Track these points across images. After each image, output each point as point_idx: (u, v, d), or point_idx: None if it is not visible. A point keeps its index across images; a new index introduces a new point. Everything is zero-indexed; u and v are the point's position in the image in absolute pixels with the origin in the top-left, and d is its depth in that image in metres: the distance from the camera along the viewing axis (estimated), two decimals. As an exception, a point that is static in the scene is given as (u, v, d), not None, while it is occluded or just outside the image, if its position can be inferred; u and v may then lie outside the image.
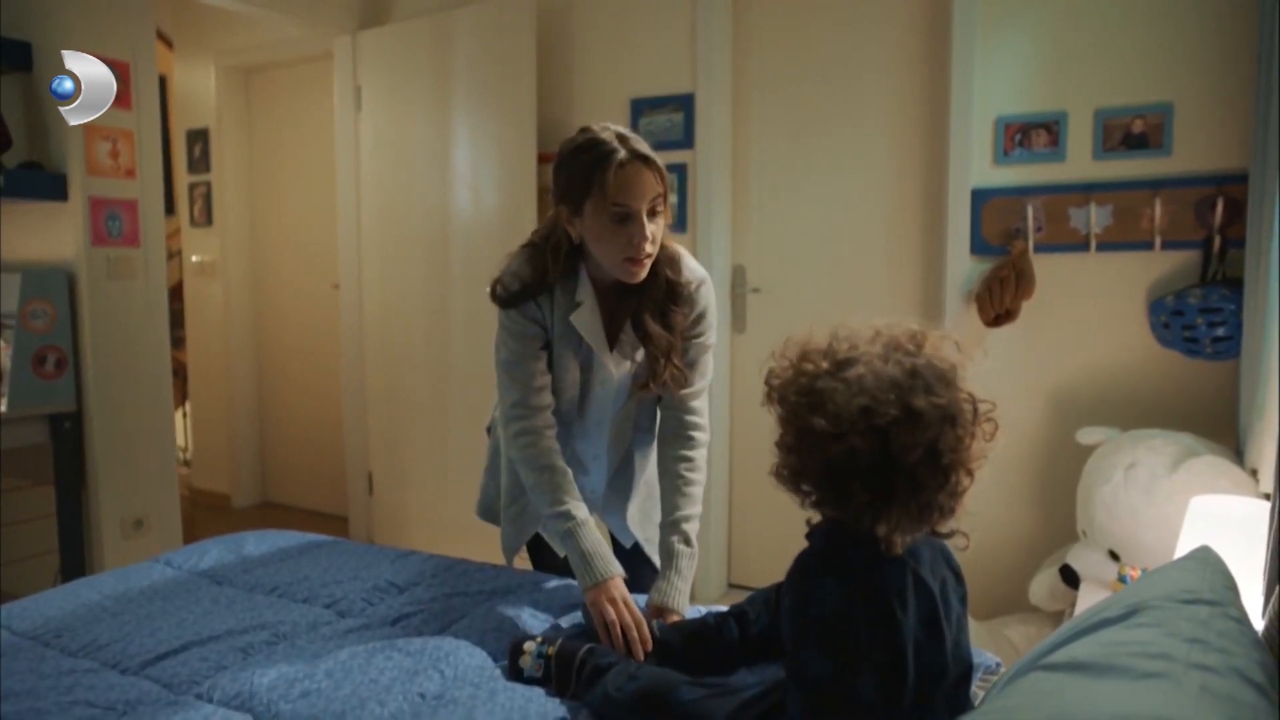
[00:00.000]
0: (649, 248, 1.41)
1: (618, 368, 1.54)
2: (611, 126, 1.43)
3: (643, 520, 1.70)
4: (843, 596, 0.91)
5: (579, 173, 1.39)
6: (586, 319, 1.50)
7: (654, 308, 1.49)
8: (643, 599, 1.51)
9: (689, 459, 1.56)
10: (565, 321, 1.50)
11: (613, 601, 1.36)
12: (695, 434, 1.58)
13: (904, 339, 0.93)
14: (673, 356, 1.51)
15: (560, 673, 1.26)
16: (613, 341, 1.53)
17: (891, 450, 0.87)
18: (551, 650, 1.29)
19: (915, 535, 0.93)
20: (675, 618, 1.42)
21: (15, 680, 1.27)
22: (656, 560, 1.62)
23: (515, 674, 1.30)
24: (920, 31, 2.73)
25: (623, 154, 1.38)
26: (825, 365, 0.92)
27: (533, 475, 1.50)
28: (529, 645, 1.31)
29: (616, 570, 1.43)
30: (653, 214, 1.41)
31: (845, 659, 0.90)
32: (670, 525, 1.53)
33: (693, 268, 1.54)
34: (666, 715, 1.11)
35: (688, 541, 1.51)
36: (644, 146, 1.41)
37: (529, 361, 1.51)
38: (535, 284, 1.48)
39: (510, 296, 1.49)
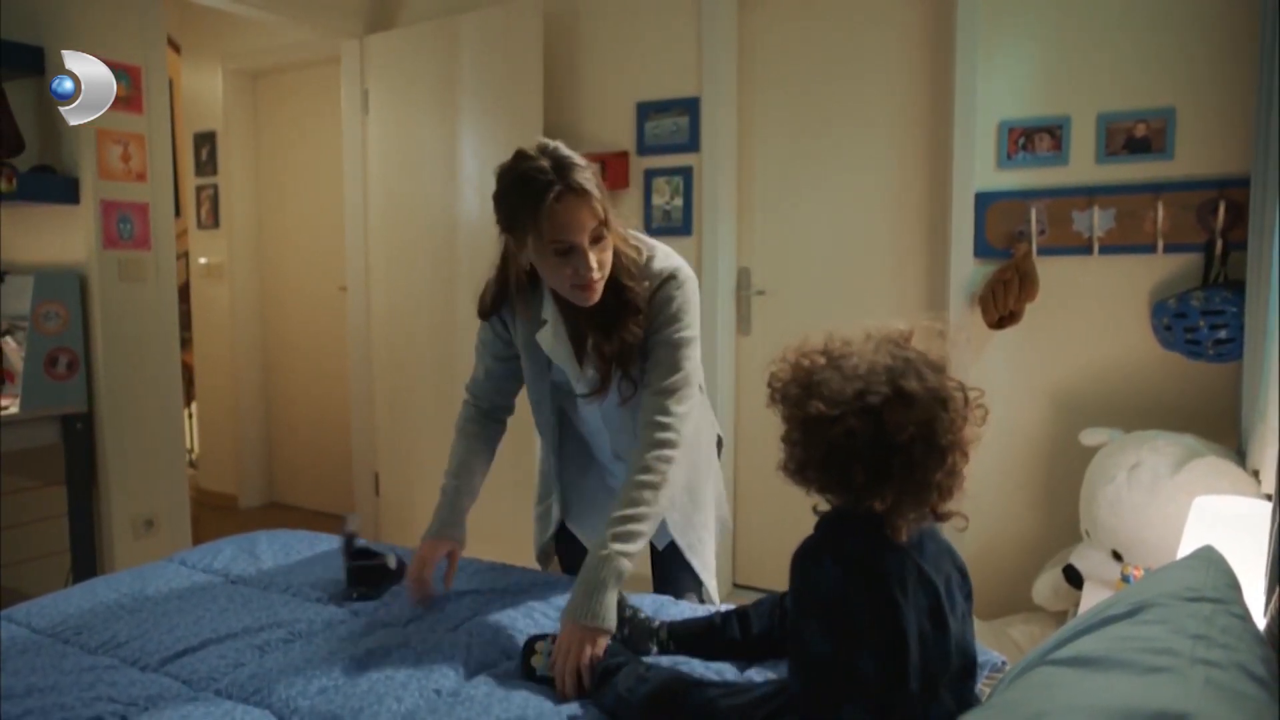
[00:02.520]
0: (595, 275, 1.38)
1: (580, 390, 1.54)
2: (550, 147, 1.38)
3: (684, 525, 1.64)
4: (843, 578, 0.96)
5: (516, 207, 1.36)
6: (550, 337, 1.51)
7: (604, 322, 1.45)
8: (649, 600, 1.54)
9: (644, 464, 1.42)
10: (530, 339, 1.52)
11: (419, 561, 1.54)
12: (658, 433, 1.43)
13: (893, 334, 0.99)
14: (627, 368, 1.47)
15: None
16: (581, 354, 1.51)
17: (886, 429, 0.92)
18: None
19: (918, 520, 0.97)
20: (595, 638, 1.28)
21: (38, 676, 1.29)
22: (691, 562, 1.64)
23: (527, 672, 1.32)
24: (924, 36, 2.75)
25: (557, 188, 1.32)
26: (822, 360, 0.98)
27: (454, 438, 1.66)
28: (540, 644, 1.33)
29: (436, 534, 1.57)
30: (597, 240, 1.37)
31: (845, 637, 0.94)
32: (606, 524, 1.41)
33: (658, 268, 1.48)
34: (679, 715, 1.13)
35: (602, 544, 1.36)
36: (581, 177, 1.34)
37: (485, 360, 1.64)
38: (498, 301, 1.53)
39: (482, 310, 1.57)
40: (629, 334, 1.45)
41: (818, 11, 2.90)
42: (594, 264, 1.37)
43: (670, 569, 1.63)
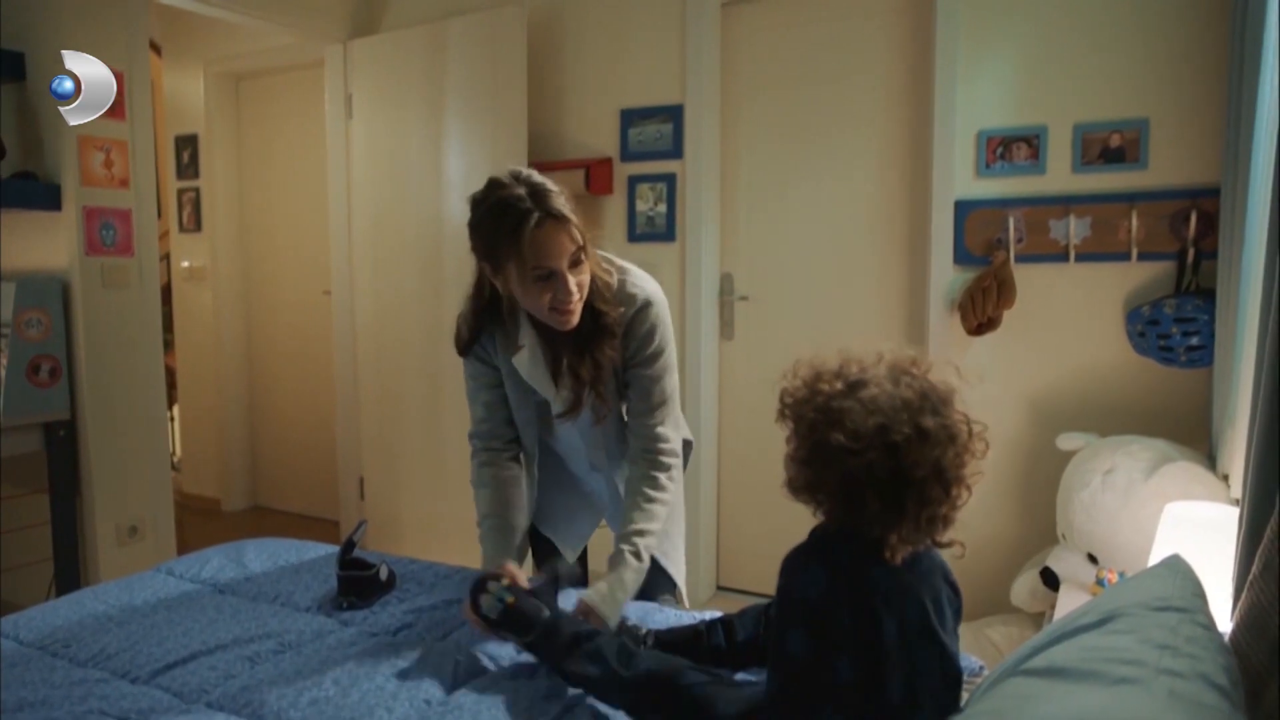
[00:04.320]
0: (574, 299, 1.42)
1: (555, 411, 1.57)
2: (524, 175, 1.41)
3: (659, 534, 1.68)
4: (828, 585, 0.99)
5: (496, 236, 1.39)
6: (527, 361, 1.53)
7: (577, 344, 1.49)
8: (636, 607, 1.57)
9: (652, 478, 1.55)
10: (510, 363, 1.55)
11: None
12: (660, 457, 1.56)
13: (907, 364, 1.01)
14: (599, 389, 1.51)
15: (519, 626, 1.34)
16: (558, 376, 1.54)
17: (903, 465, 0.94)
18: (511, 601, 1.36)
19: (918, 546, 1.00)
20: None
21: (28, 690, 1.30)
22: (666, 567, 1.66)
23: (474, 609, 1.38)
24: (904, 46, 2.79)
25: (536, 216, 1.36)
26: (840, 386, 0.99)
27: (475, 491, 1.62)
28: (492, 586, 1.38)
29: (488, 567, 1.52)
30: (575, 265, 1.41)
31: (825, 640, 0.97)
32: (623, 536, 1.52)
33: (630, 293, 1.52)
34: (671, 696, 1.16)
35: (637, 555, 1.49)
36: (558, 203, 1.39)
37: (481, 395, 1.61)
38: (475, 331, 1.56)
39: (462, 345, 1.58)
40: (603, 356, 1.50)
41: (800, 21, 2.94)
42: (573, 288, 1.41)
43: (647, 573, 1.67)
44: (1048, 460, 2.45)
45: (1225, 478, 2.01)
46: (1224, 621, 1.22)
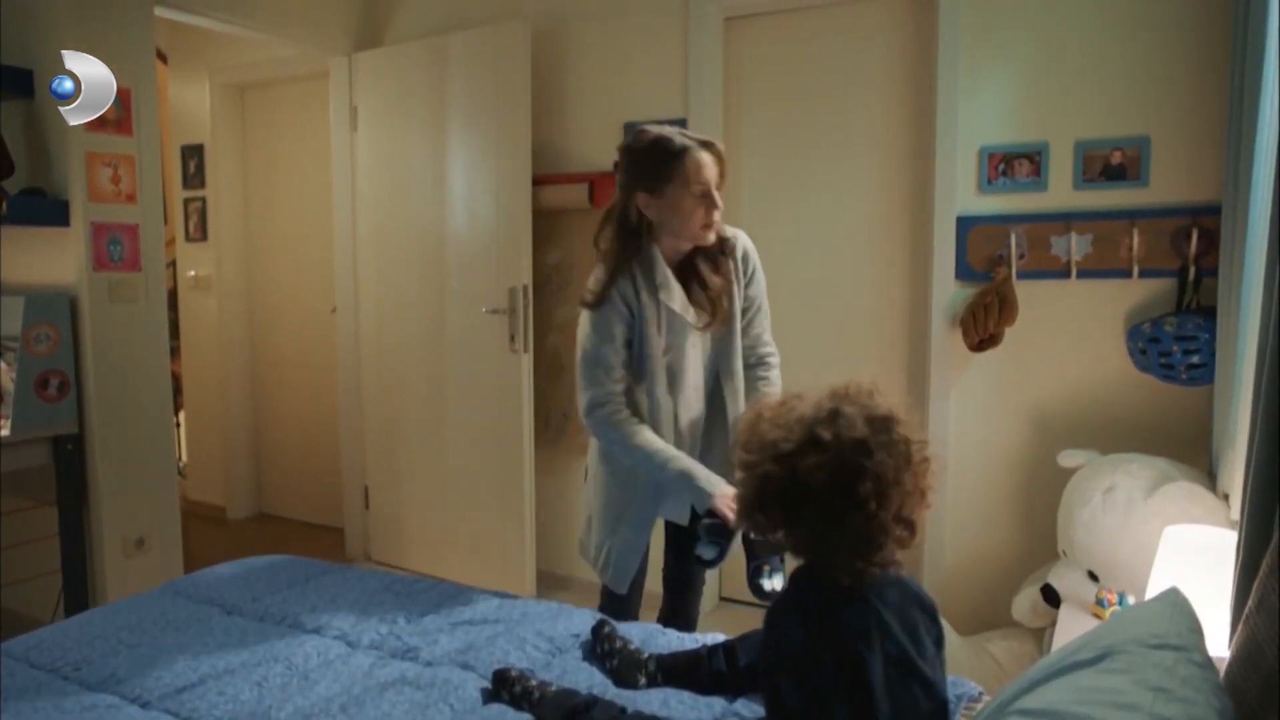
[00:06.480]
0: (719, 215, 1.76)
1: (699, 324, 1.81)
2: (665, 127, 1.76)
3: None
4: (806, 636, 1.02)
5: (659, 162, 1.71)
6: (670, 291, 1.78)
7: (709, 261, 1.81)
8: (638, 629, 1.58)
9: (764, 377, 1.90)
10: (652, 300, 1.77)
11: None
12: (768, 359, 1.93)
13: (840, 387, 1.05)
14: (725, 299, 1.82)
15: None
16: (690, 296, 1.81)
17: (798, 474, 0.98)
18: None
19: (863, 570, 1.01)
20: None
21: (41, 716, 1.32)
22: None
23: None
24: (906, 62, 2.80)
25: (698, 145, 1.72)
26: (768, 414, 1.06)
27: (630, 455, 1.77)
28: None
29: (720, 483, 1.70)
30: (719, 188, 1.76)
31: (815, 690, 0.99)
32: None
33: (730, 231, 1.87)
34: None
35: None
36: (708, 137, 1.77)
37: (608, 355, 1.77)
38: (614, 273, 1.76)
39: (595, 298, 1.77)
40: (726, 269, 1.83)
41: (802, 36, 2.95)
42: (721, 204, 1.75)
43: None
44: (1049, 475, 2.46)
45: (1225, 497, 2.02)
46: (1222, 648, 1.24)
